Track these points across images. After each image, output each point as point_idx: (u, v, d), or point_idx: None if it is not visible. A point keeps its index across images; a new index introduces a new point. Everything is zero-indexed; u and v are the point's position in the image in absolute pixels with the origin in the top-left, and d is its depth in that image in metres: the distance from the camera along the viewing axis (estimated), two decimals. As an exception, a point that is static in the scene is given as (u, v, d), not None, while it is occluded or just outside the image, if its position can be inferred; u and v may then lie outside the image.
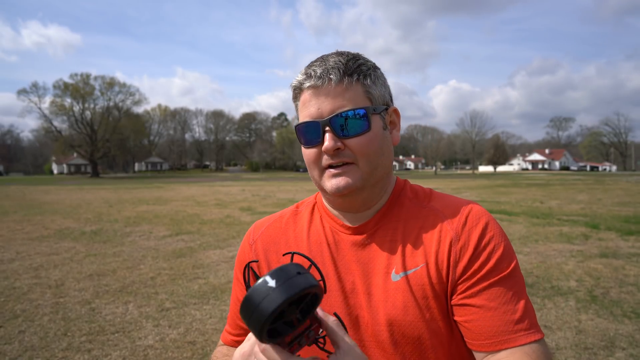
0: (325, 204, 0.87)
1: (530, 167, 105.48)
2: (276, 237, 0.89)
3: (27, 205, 15.68)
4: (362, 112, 0.75)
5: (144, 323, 3.97)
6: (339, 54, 0.79)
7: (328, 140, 0.74)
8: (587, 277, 5.34)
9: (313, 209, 0.91)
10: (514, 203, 15.24)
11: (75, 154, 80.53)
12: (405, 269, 0.76)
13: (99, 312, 4.26)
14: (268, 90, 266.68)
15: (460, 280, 0.74)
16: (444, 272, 0.75)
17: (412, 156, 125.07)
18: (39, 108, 70.08)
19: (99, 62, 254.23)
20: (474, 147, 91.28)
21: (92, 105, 72.86)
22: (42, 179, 60.35)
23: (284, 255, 0.84)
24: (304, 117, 0.78)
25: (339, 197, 0.79)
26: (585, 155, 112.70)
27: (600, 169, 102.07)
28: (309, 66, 0.79)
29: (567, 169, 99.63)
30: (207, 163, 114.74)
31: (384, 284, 0.77)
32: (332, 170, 0.77)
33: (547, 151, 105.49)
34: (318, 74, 0.76)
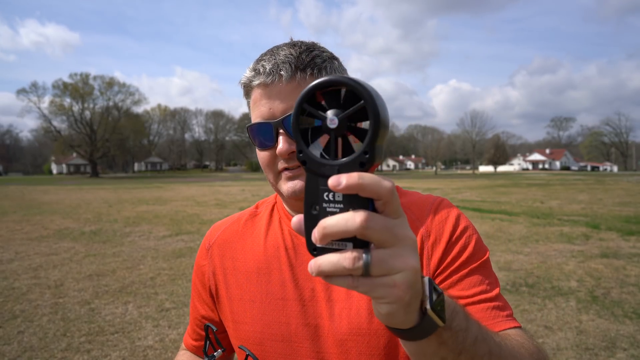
0: (285, 206, 0.83)
1: (530, 167, 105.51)
2: (233, 242, 0.85)
3: (26, 206, 15.66)
4: None
5: (143, 323, 3.95)
6: (292, 45, 0.72)
7: (282, 143, 0.69)
8: (587, 277, 5.33)
9: (272, 210, 0.86)
10: (514, 203, 15.23)
11: (74, 154, 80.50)
12: None
13: (98, 312, 4.24)
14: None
15: (434, 275, 0.72)
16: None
17: (413, 156, 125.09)
18: (39, 108, 70.07)
19: (98, 61, 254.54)
20: (474, 147, 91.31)
21: (91, 105, 72.88)
22: (42, 179, 60.36)
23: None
24: (255, 117, 0.73)
25: (296, 201, 0.74)
26: (586, 155, 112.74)
27: (601, 169, 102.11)
28: (258, 60, 0.72)
29: (568, 169, 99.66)
30: (207, 163, 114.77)
31: (347, 290, 0.71)
32: (288, 173, 0.72)
33: (547, 151, 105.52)
34: (267, 70, 0.70)
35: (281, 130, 0.70)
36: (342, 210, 0.39)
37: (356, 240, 0.39)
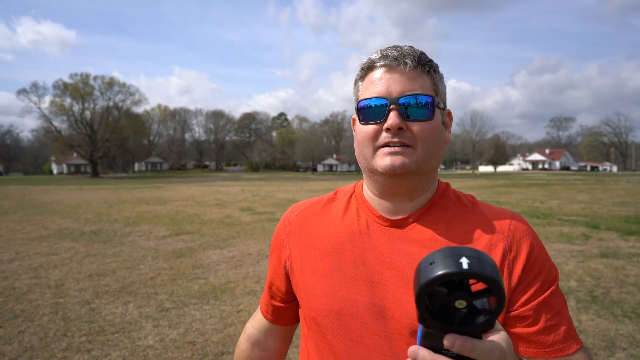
0: (366, 191, 0.86)
1: (530, 167, 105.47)
2: (311, 221, 0.90)
3: (26, 205, 15.67)
4: (429, 99, 0.76)
5: (143, 323, 3.96)
6: (410, 47, 0.80)
7: (393, 118, 0.74)
8: (587, 277, 5.33)
9: (350, 197, 0.90)
10: (514, 203, 15.23)
11: (75, 154, 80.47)
12: None
13: (98, 312, 4.25)
14: (267, 90, 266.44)
15: (516, 292, 0.74)
16: None
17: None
18: (39, 108, 70.10)
19: (96, 61, 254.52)
20: (474, 147, 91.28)
21: (91, 105, 72.83)
22: (42, 179, 60.34)
23: None
24: (370, 94, 0.78)
25: (389, 177, 0.77)
26: (586, 155, 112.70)
27: (600, 169, 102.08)
28: (384, 50, 0.79)
29: (568, 169, 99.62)
30: (207, 163, 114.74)
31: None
32: (389, 149, 0.76)
33: (547, 151, 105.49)
34: (395, 56, 0.77)
35: (393, 107, 0.75)
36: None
37: None
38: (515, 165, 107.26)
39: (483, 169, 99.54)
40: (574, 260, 6.24)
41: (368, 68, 0.80)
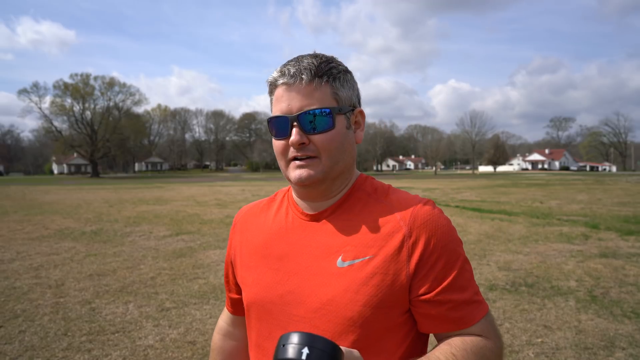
0: (292, 193, 0.96)
1: (530, 167, 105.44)
2: (251, 220, 1.02)
3: (27, 205, 15.68)
4: (327, 111, 0.81)
5: (144, 323, 3.97)
6: (314, 56, 0.85)
7: (294, 134, 0.81)
8: (587, 277, 5.34)
9: (284, 198, 1.00)
10: (514, 203, 15.24)
11: (75, 154, 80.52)
12: (352, 257, 0.82)
13: (99, 312, 4.26)
14: (266, 90, 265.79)
15: (417, 277, 0.80)
16: (395, 265, 0.80)
17: (412, 156, 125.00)
18: (39, 108, 70.11)
19: (96, 61, 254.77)
20: (474, 147, 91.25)
21: (92, 106, 72.89)
22: (42, 179, 60.34)
23: None
24: (275, 111, 0.85)
25: (301, 187, 0.87)
26: (585, 155, 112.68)
27: (600, 169, 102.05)
28: (285, 65, 0.85)
29: (567, 169, 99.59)
30: (207, 163, 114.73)
31: (329, 268, 0.83)
32: (297, 162, 0.83)
33: (547, 151, 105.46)
34: (291, 73, 0.82)
35: (295, 123, 0.81)
36: None
37: None
38: (515, 165, 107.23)
39: (483, 169, 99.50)
40: (574, 260, 6.25)
41: (273, 85, 0.86)
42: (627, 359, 3.19)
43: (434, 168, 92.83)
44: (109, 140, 71.58)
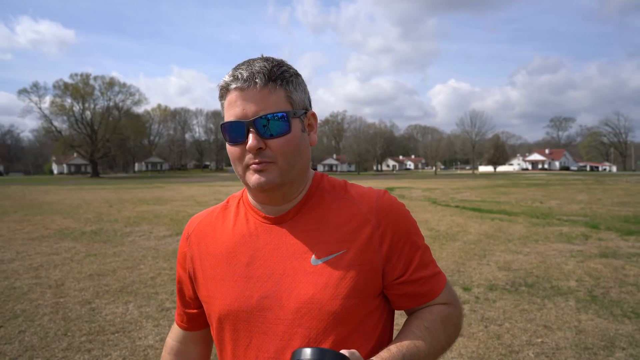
0: (249, 198, 0.94)
1: (530, 167, 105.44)
2: (207, 231, 0.97)
3: (27, 205, 15.67)
4: (283, 115, 0.81)
5: (144, 323, 3.97)
6: (265, 59, 0.84)
7: (251, 140, 0.80)
8: (587, 277, 5.34)
9: (239, 204, 0.97)
10: (514, 203, 15.24)
11: (75, 154, 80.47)
12: (326, 254, 0.84)
13: (99, 312, 4.26)
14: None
15: (389, 263, 0.86)
16: (369, 255, 0.84)
17: (412, 156, 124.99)
18: (39, 108, 70.10)
19: (95, 61, 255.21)
20: (474, 147, 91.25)
21: (92, 106, 72.86)
22: (42, 179, 60.34)
23: None
24: (229, 116, 0.83)
25: (260, 192, 0.86)
26: (585, 155, 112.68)
27: (600, 169, 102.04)
28: (236, 68, 0.83)
29: (567, 169, 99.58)
30: (207, 163, 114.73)
31: (303, 268, 0.84)
32: (255, 167, 0.82)
33: (547, 151, 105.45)
34: (244, 77, 0.80)
35: (251, 129, 0.80)
36: None
37: None
38: (515, 166, 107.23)
39: (483, 169, 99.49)
40: (574, 260, 6.25)
41: (225, 89, 0.84)
42: (627, 359, 3.19)
43: (434, 168, 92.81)
44: (109, 140, 71.57)
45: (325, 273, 0.83)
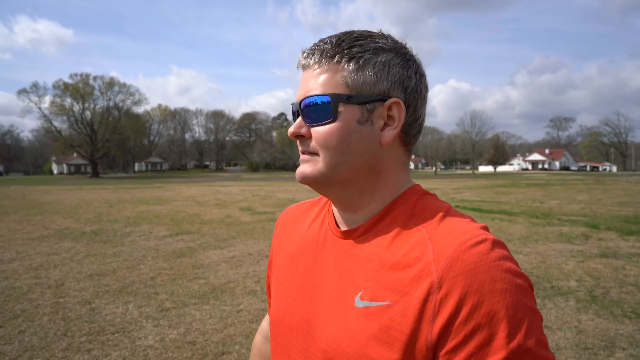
0: None
1: (530, 167, 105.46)
2: (289, 224, 0.89)
3: (27, 205, 15.67)
4: (325, 99, 0.65)
5: (144, 323, 3.97)
6: (345, 32, 0.69)
7: (294, 125, 0.70)
8: (587, 277, 5.34)
9: (326, 203, 0.84)
10: (514, 203, 15.23)
11: (75, 154, 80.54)
12: (371, 298, 0.63)
13: (99, 312, 4.25)
14: (266, 90, 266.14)
15: (441, 348, 0.56)
16: (414, 324, 0.57)
17: (413, 156, 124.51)
18: (39, 108, 70.13)
19: (95, 61, 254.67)
20: (474, 147, 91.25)
21: (92, 106, 72.89)
22: (42, 179, 60.34)
23: None
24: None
25: (311, 187, 0.73)
26: (585, 155, 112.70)
27: (600, 169, 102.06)
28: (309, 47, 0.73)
29: (567, 169, 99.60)
30: (207, 163, 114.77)
31: (347, 304, 0.66)
32: (301, 157, 0.71)
33: (547, 151, 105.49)
34: (305, 54, 0.70)
35: (299, 112, 0.69)
36: None
37: None
38: (515, 165, 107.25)
39: (483, 169, 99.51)
40: (574, 260, 6.24)
41: (298, 67, 0.74)
42: (627, 359, 3.19)
43: (434, 168, 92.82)
44: (108, 140, 71.59)
45: (361, 322, 0.62)
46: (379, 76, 0.66)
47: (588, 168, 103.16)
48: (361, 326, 0.62)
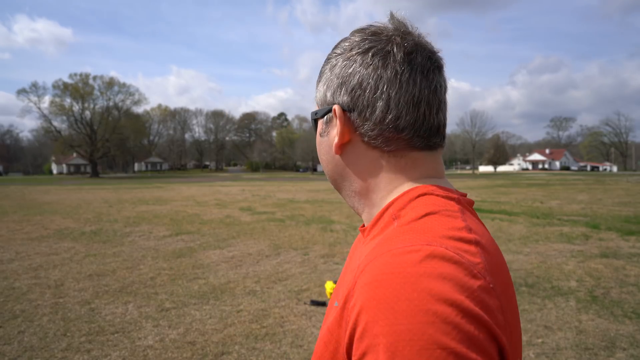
0: None
1: (530, 167, 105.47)
2: None
3: (26, 205, 15.67)
4: (313, 115, 0.68)
5: (143, 323, 3.96)
6: (344, 39, 0.66)
7: None
8: (587, 277, 5.33)
9: None
10: (514, 203, 15.23)
11: (74, 154, 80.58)
12: (334, 298, 0.59)
13: (98, 312, 4.25)
14: (266, 90, 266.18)
15: (350, 354, 0.48)
16: (338, 329, 0.51)
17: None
18: (39, 108, 70.18)
19: (94, 61, 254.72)
20: (474, 147, 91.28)
21: (91, 105, 72.99)
22: (42, 179, 60.34)
23: None
24: None
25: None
26: (586, 155, 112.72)
27: (600, 169, 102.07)
28: None
29: (568, 169, 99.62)
30: (207, 163, 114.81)
31: (332, 302, 0.60)
32: None
33: (547, 151, 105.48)
34: None
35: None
36: None
37: None
38: (515, 165, 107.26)
39: (483, 169, 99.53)
40: (574, 260, 6.24)
41: None
42: (627, 359, 3.18)
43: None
44: (108, 140, 71.62)
45: (326, 321, 0.57)
46: (326, 86, 0.64)
47: (588, 168, 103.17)
48: (324, 326, 0.57)
